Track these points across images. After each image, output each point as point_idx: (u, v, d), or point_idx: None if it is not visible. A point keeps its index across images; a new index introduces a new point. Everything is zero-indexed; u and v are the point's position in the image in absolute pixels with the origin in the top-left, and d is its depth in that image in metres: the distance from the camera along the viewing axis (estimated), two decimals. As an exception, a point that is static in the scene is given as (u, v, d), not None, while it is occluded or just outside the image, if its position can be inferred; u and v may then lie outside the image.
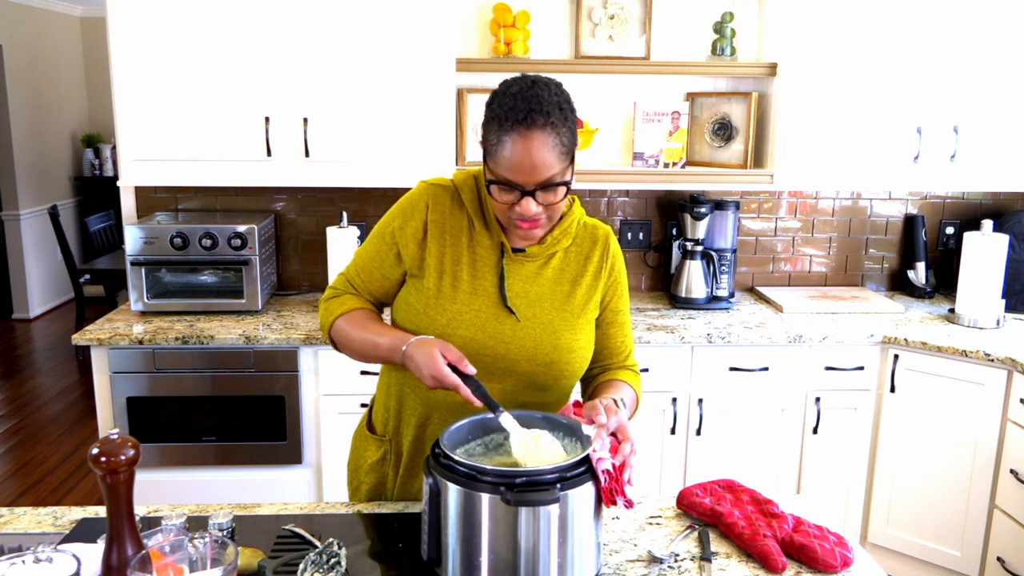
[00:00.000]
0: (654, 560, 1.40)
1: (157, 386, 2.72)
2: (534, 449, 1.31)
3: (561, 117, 1.36)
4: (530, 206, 1.37)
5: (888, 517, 2.93)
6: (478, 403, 1.36)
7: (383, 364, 1.62)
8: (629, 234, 3.34)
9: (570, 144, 1.39)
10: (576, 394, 1.66)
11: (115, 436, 1.14)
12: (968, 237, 2.96)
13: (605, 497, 1.28)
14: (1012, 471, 2.62)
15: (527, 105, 1.34)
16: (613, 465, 1.28)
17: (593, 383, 1.61)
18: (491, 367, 1.47)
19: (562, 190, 1.40)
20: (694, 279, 3.12)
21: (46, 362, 5.69)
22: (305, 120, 2.83)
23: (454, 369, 1.37)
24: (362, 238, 3.17)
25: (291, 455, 2.80)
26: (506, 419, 1.34)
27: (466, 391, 1.35)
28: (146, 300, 2.87)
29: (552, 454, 1.30)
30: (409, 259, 1.52)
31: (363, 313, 1.57)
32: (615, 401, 1.39)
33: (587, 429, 1.31)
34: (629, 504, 1.29)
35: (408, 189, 1.60)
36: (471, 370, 1.37)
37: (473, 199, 1.51)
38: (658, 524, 1.53)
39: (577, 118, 1.44)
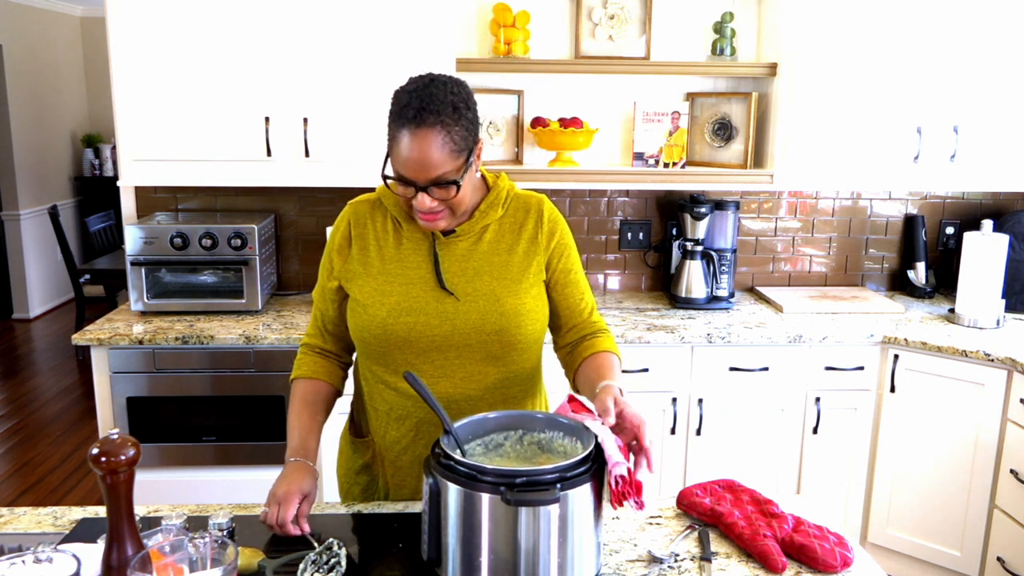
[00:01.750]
0: (654, 560, 1.40)
1: (157, 386, 2.72)
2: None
3: (454, 116, 1.40)
4: (424, 201, 1.43)
5: (888, 517, 2.93)
6: (294, 532, 1.41)
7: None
8: (629, 234, 3.34)
9: (463, 142, 1.42)
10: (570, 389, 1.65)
11: (115, 436, 1.14)
12: (968, 237, 2.96)
13: (615, 498, 1.27)
14: (1012, 471, 2.62)
15: (419, 103, 1.39)
16: (628, 469, 1.27)
17: (576, 359, 1.61)
18: (444, 345, 1.52)
19: (454, 188, 1.43)
20: (694, 279, 3.12)
21: (46, 362, 5.69)
22: (305, 120, 2.83)
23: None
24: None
25: (291, 455, 2.80)
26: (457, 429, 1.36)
27: (292, 530, 1.40)
28: (146, 300, 2.87)
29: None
30: (338, 271, 1.60)
31: (305, 390, 1.64)
32: (620, 391, 1.39)
33: (593, 426, 1.31)
34: (640, 505, 1.28)
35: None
36: (305, 529, 1.42)
37: (396, 202, 1.55)
38: (658, 524, 1.53)
39: (476, 116, 1.47)
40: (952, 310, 3.02)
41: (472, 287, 1.53)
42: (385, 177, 1.45)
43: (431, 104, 1.39)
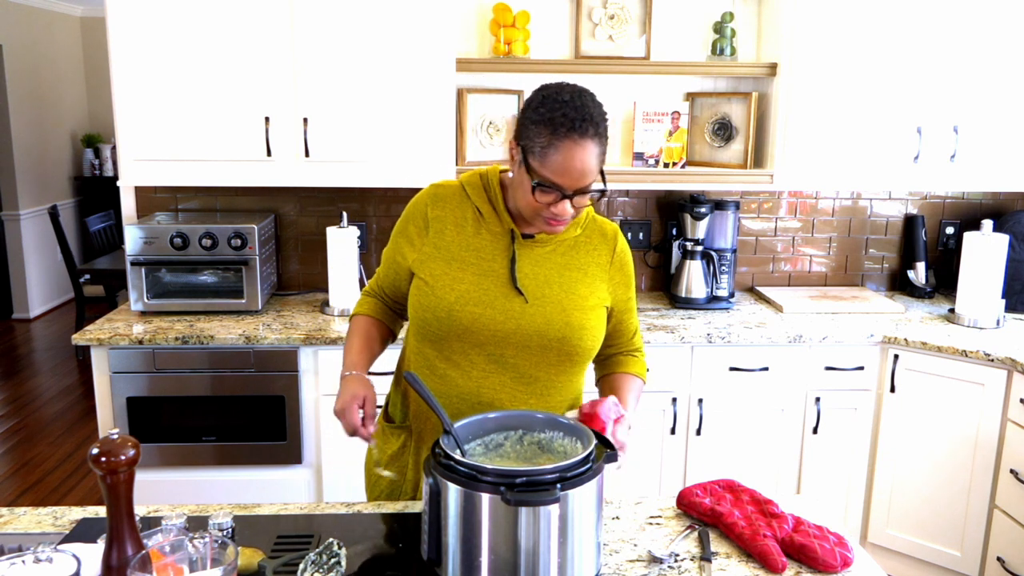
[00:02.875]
0: (654, 560, 1.41)
1: (157, 386, 2.72)
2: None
3: (604, 128, 1.47)
4: (567, 208, 1.46)
5: (888, 517, 2.93)
6: (371, 443, 1.54)
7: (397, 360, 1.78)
8: (629, 234, 3.34)
9: (605, 154, 1.49)
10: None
11: (115, 436, 1.14)
12: (968, 237, 2.96)
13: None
14: (1012, 471, 2.62)
15: (580, 114, 1.43)
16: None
17: (606, 369, 1.72)
18: (504, 342, 1.54)
19: (594, 196, 1.49)
20: (694, 279, 3.12)
21: (46, 362, 5.69)
22: (305, 120, 2.83)
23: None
24: (362, 238, 3.17)
25: (291, 455, 2.80)
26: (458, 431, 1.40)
27: (364, 432, 1.49)
28: (146, 300, 2.87)
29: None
30: (413, 254, 1.61)
31: (362, 323, 1.71)
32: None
33: (571, 414, 1.42)
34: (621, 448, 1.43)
35: (408, 189, 1.65)
36: (370, 430, 1.50)
37: (480, 193, 1.59)
38: (658, 524, 1.53)
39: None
40: (952, 310, 3.02)
41: (542, 292, 1.55)
42: (535, 185, 1.45)
43: (590, 115, 1.44)
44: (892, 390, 2.85)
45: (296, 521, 1.51)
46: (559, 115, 1.42)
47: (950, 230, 3.42)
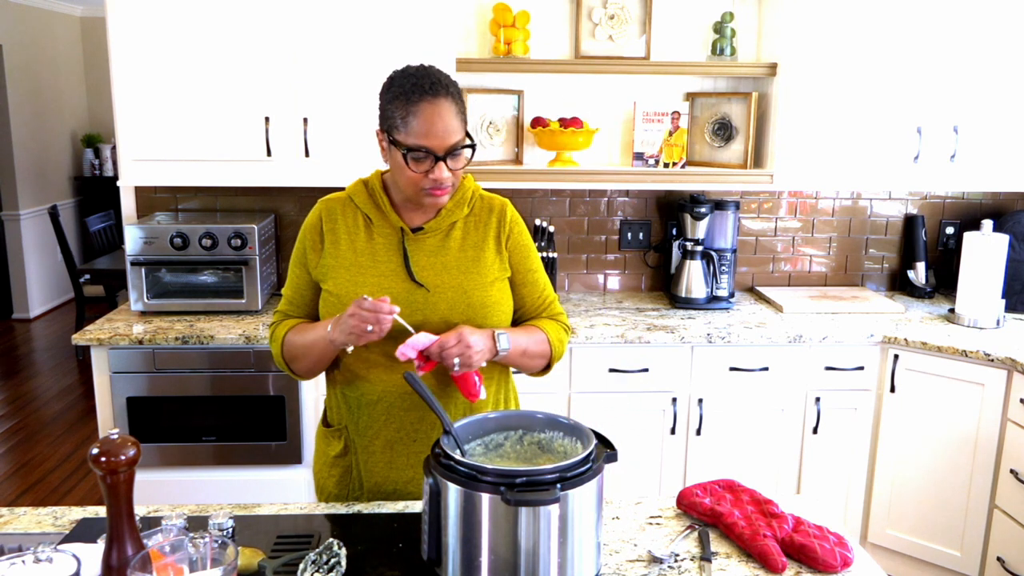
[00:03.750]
0: (654, 560, 1.41)
1: (157, 386, 2.72)
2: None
3: (456, 90, 1.56)
4: (443, 171, 1.53)
5: (888, 517, 2.93)
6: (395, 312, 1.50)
7: (331, 359, 1.69)
8: (629, 234, 3.34)
9: (465, 113, 1.57)
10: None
11: (115, 436, 1.14)
12: (968, 237, 2.96)
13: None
14: (1012, 471, 2.62)
15: (428, 80, 1.52)
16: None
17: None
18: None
19: (466, 155, 1.56)
20: (694, 279, 3.12)
21: (46, 362, 5.69)
22: (305, 120, 2.83)
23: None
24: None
25: (291, 455, 2.80)
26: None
27: (384, 310, 1.47)
28: (146, 300, 2.87)
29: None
30: (313, 269, 1.67)
31: (301, 324, 1.69)
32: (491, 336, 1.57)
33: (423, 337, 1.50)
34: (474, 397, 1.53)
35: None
36: (386, 300, 1.50)
37: (366, 199, 1.66)
38: (658, 524, 1.53)
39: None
40: (952, 310, 3.02)
41: (441, 280, 1.61)
42: (405, 153, 1.51)
43: (437, 79, 1.53)
44: (892, 390, 2.85)
45: (296, 521, 1.51)
46: (409, 85, 1.51)
47: (950, 230, 3.41)
